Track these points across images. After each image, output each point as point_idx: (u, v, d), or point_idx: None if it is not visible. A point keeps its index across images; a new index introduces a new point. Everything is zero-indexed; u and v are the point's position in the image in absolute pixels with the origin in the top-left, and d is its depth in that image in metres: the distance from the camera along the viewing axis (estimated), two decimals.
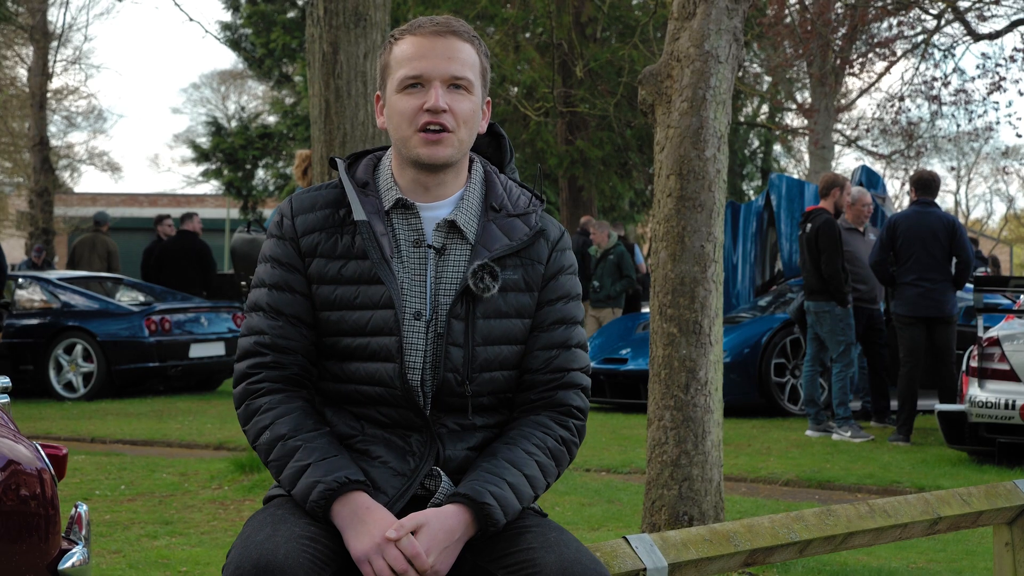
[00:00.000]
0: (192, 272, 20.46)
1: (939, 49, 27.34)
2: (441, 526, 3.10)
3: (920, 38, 27.28)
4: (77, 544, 3.89)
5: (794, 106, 32.75)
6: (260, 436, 3.25)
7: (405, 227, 3.30)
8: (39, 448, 3.90)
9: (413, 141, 3.26)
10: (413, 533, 3.07)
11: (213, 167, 40.47)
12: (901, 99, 28.08)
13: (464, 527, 3.13)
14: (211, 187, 46.71)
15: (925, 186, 12.91)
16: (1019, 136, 56.90)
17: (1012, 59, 25.67)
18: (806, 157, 40.04)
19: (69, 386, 17.17)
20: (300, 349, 3.30)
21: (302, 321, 3.30)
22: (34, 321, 17.39)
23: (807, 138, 30.11)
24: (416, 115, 3.24)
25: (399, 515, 3.16)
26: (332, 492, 3.11)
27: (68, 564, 3.76)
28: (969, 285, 13.15)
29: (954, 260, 12.64)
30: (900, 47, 27.95)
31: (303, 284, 3.30)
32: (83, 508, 4.06)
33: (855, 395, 14.05)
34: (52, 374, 17.19)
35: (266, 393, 3.29)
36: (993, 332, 11.37)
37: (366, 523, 3.08)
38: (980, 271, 19.27)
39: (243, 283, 20.46)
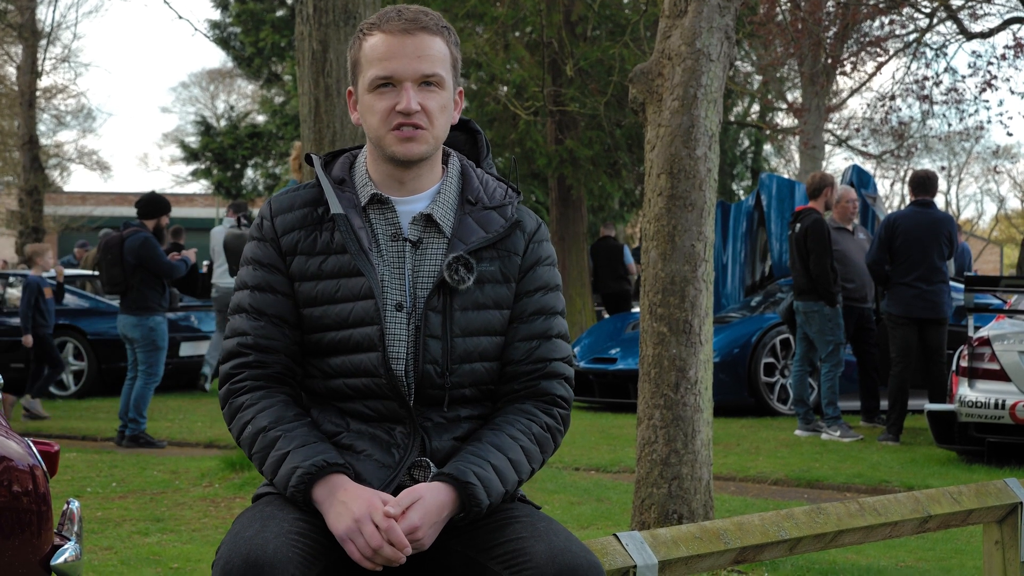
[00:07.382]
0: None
1: (931, 48, 27.32)
2: (434, 500, 3.12)
3: (912, 37, 27.26)
4: (69, 540, 3.90)
5: (785, 105, 32.74)
6: (243, 431, 3.28)
7: (382, 221, 3.33)
8: (31, 445, 3.91)
9: (388, 139, 3.29)
10: (408, 508, 3.10)
11: (202, 166, 40.36)
12: (892, 98, 28.03)
13: (450, 505, 3.15)
14: (200, 186, 46.66)
15: (922, 186, 12.93)
16: (1010, 135, 57.10)
17: (1003, 57, 25.65)
18: (796, 157, 40.11)
19: (60, 384, 17.15)
20: (282, 349, 3.33)
21: (284, 321, 3.33)
22: None
23: (797, 138, 30.11)
24: (389, 115, 3.28)
25: None
26: (311, 476, 3.13)
27: (60, 560, 3.77)
28: (960, 285, 13.16)
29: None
30: (892, 46, 27.91)
31: (285, 284, 3.33)
32: (75, 505, 4.07)
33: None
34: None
35: (248, 391, 3.31)
36: (983, 332, 11.39)
37: (345, 502, 3.10)
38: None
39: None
